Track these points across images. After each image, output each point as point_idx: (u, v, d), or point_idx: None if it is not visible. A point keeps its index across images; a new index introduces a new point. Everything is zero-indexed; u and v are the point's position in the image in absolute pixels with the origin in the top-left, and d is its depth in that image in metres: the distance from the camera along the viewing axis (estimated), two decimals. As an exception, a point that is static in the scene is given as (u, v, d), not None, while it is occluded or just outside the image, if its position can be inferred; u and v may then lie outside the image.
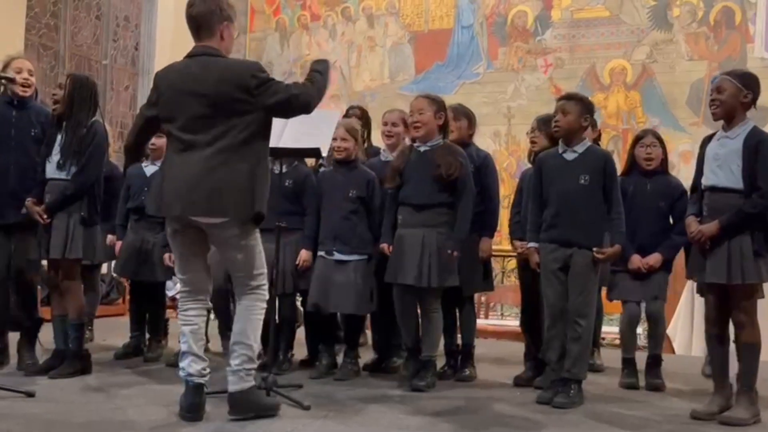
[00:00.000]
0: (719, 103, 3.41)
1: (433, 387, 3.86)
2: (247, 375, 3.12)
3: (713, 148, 3.45)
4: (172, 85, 3.11)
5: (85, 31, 8.83)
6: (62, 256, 3.82)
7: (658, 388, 4.03)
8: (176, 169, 3.06)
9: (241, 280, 3.16)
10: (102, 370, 4.11)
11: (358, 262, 4.10)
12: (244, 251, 3.11)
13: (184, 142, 3.06)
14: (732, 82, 3.39)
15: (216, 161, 3.00)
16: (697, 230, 3.36)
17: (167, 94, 3.11)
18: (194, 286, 3.19)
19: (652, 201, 4.14)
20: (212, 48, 3.11)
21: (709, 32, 8.38)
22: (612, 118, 8.63)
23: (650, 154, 4.17)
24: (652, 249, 4.10)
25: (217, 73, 3.04)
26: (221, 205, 3.01)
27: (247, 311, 3.15)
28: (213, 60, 3.09)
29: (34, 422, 3.00)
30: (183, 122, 3.06)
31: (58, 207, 3.84)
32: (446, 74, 9.32)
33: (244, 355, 3.11)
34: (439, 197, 3.88)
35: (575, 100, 3.76)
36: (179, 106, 3.07)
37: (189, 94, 3.05)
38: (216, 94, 3.01)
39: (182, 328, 3.16)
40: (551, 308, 3.71)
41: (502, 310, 7.88)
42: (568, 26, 8.94)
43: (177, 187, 3.04)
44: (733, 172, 3.35)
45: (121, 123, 9.12)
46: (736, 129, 3.40)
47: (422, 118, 3.92)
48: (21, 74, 4.04)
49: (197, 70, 3.07)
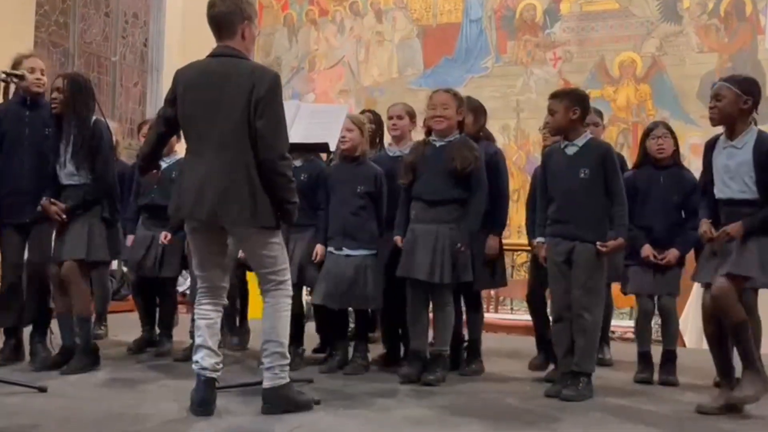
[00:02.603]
0: (717, 111, 3.39)
1: (443, 381, 3.86)
2: (281, 371, 3.13)
3: (721, 160, 3.43)
4: (191, 84, 3.11)
5: (94, 28, 8.86)
6: (86, 257, 3.87)
7: (671, 384, 4.01)
8: (197, 172, 3.06)
9: (266, 277, 3.16)
10: (113, 365, 4.13)
11: (366, 257, 4.11)
12: (268, 248, 3.13)
13: (204, 144, 3.07)
14: (731, 89, 3.37)
15: (236, 164, 3.02)
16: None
17: (186, 95, 3.11)
18: (212, 283, 3.19)
19: (666, 195, 4.12)
20: (234, 48, 3.13)
21: (720, 24, 8.34)
22: (622, 111, 8.60)
23: (662, 146, 4.14)
24: (667, 242, 4.08)
25: (237, 75, 3.05)
26: (249, 210, 3.02)
27: (275, 309, 3.15)
28: (234, 61, 3.10)
29: (47, 417, 3.02)
30: (203, 124, 3.07)
31: (80, 209, 3.90)
32: (455, 68, 9.31)
33: (276, 352, 3.12)
34: (453, 193, 3.88)
35: (559, 97, 3.75)
36: (199, 107, 3.08)
37: (209, 96, 3.06)
38: (235, 97, 3.02)
39: (198, 322, 3.17)
40: (557, 302, 3.71)
41: (512, 305, 7.88)
42: (577, 19, 8.91)
43: (200, 191, 3.04)
44: (746, 183, 3.33)
45: (130, 119, 9.16)
46: (742, 138, 3.37)
47: (447, 113, 3.91)
48: (34, 74, 4.05)
49: (218, 71, 3.09)
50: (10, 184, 4.02)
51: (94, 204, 3.92)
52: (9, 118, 4.07)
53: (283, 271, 3.18)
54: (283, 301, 3.17)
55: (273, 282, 3.16)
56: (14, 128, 4.06)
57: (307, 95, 9.78)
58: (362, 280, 4.07)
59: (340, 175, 4.23)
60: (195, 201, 3.06)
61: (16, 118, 4.08)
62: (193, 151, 3.13)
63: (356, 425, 3.05)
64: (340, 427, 3.02)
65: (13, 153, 4.04)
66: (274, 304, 3.15)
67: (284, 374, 3.14)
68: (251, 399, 3.26)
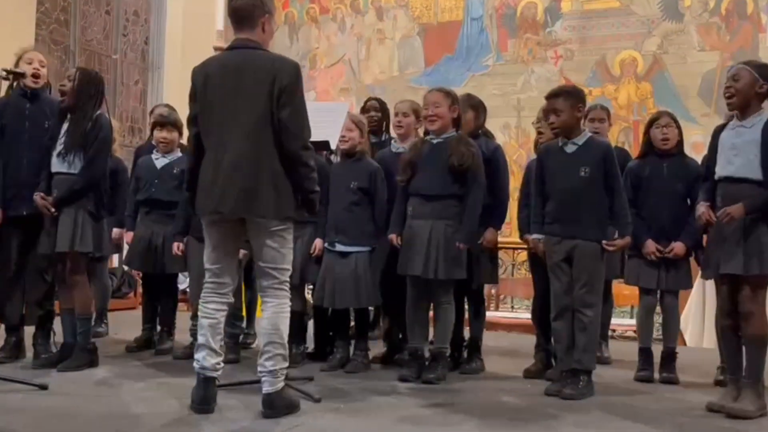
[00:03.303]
0: (734, 92, 3.38)
1: (443, 380, 3.86)
2: (281, 374, 3.11)
3: (729, 138, 3.42)
4: (211, 77, 3.10)
5: (95, 26, 8.86)
6: (70, 249, 3.84)
7: (672, 382, 4.00)
8: (220, 165, 3.04)
9: (269, 273, 3.12)
10: (114, 364, 4.13)
11: (360, 254, 4.10)
12: (280, 242, 3.11)
13: (226, 135, 3.05)
14: (749, 71, 3.38)
15: (261, 155, 3.02)
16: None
17: (207, 87, 3.10)
18: (220, 279, 3.16)
19: (669, 183, 4.07)
20: (253, 41, 3.13)
21: (721, 22, 8.33)
22: (623, 109, 8.60)
23: (666, 134, 4.10)
24: (672, 232, 4.03)
25: (252, 66, 3.06)
26: (273, 201, 3.03)
27: (277, 309, 3.12)
28: (254, 53, 3.11)
29: (47, 415, 3.02)
30: (225, 116, 3.06)
31: (67, 201, 3.86)
32: (456, 67, 9.31)
33: (279, 355, 3.09)
34: (450, 188, 3.88)
35: (563, 96, 3.75)
36: (220, 99, 3.07)
37: (230, 87, 3.05)
38: (256, 88, 3.03)
39: (201, 320, 3.14)
40: (557, 300, 3.71)
41: (512, 303, 7.88)
42: (578, 17, 8.90)
43: (225, 184, 3.02)
44: (750, 161, 3.31)
45: (131, 117, 9.16)
46: (752, 119, 3.37)
47: (438, 112, 3.92)
48: (32, 65, 4.06)
49: (238, 62, 3.08)
50: (11, 177, 4.02)
51: (81, 196, 3.88)
52: (10, 111, 4.07)
53: (286, 271, 3.16)
54: (285, 302, 3.15)
55: (275, 280, 3.12)
56: (15, 121, 4.07)
57: (308, 93, 9.74)
58: (359, 279, 4.07)
59: (336, 171, 4.25)
60: (220, 194, 3.04)
61: (16, 112, 4.08)
62: (214, 143, 3.09)
63: (356, 423, 3.05)
64: (340, 426, 3.02)
65: (14, 146, 4.04)
66: (276, 305, 3.12)
67: (283, 377, 3.12)
68: (251, 397, 3.26)
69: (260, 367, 3.10)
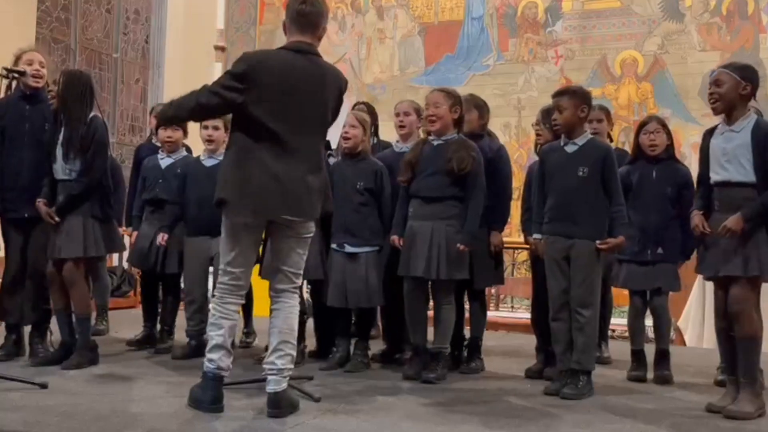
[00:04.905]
0: (718, 97, 3.39)
1: (443, 379, 3.86)
2: (288, 374, 3.12)
3: (719, 143, 3.42)
4: (278, 77, 3.04)
5: (96, 24, 8.86)
6: (84, 254, 3.85)
7: (666, 380, 4.01)
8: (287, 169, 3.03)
9: (288, 276, 3.16)
10: (114, 362, 4.13)
11: (369, 254, 4.11)
12: (304, 248, 3.19)
13: (294, 140, 3.05)
14: (730, 75, 3.37)
15: (313, 163, 3.12)
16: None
17: (272, 88, 3.03)
18: (240, 282, 3.14)
19: (658, 188, 4.07)
20: (315, 47, 3.16)
21: (722, 23, 8.33)
22: (623, 109, 8.59)
23: (654, 141, 4.10)
24: (659, 237, 4.03)
25: (327, 75, 3.15)
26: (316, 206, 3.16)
27: (292, 311, 3.15)
28: (321, 60, 3.17)
29: (47, 414, 3.02)
30: (292, 121, 3.05)
31: (68, 208, 3.86)
32: (456, 66, 9.31)
33: (290, 355, 3.11)
34: (450, 191, 3.88)
35: (568, 94, 3.76)
36: (294, 103, 3.05)
37: (307, 92, 3.07)
38: (329, 96, 3.14)
39: (220, 321, 3.10)
40: (554, 299, 3.71)
41: (512, 303, 7.88)
42: (579, 17, 8.90)
43: (283, 190, 3.03)
44: (743, 165, 3.32)
45: (132, 116, 9.16)
46: (740, 122, 3.37)
47: (438, 112, 3.92)
48: (32, 66, 4.05)
49: (313, 68, 3.11)
50: (11, 179, 4.02)
51: (85, 200, 3.89)
52: (9, 113, 4.06)
53: (300, 275, 3.22)
54: (297, 304, 3.21)
55: (293, 284, 3.17)
56: (15, 123, 4.06)
57: (309, 92, 9.76)
58: (368, 279, 4.07)
59: (341, 171, 4.22)
60: (282, 199, 3.03)
61: (16, 113, 4.07)
62: (274, 145, 3.03)
63: (356, 423, 3.05)
64: (340, 425, 3.02)
65: (14, 148, 4.04)
66: (292, 306, 3.16)
67: (288, 377, 3.13)
68: (251, 396, 3.26)
69: (269, 365, 3.08)
